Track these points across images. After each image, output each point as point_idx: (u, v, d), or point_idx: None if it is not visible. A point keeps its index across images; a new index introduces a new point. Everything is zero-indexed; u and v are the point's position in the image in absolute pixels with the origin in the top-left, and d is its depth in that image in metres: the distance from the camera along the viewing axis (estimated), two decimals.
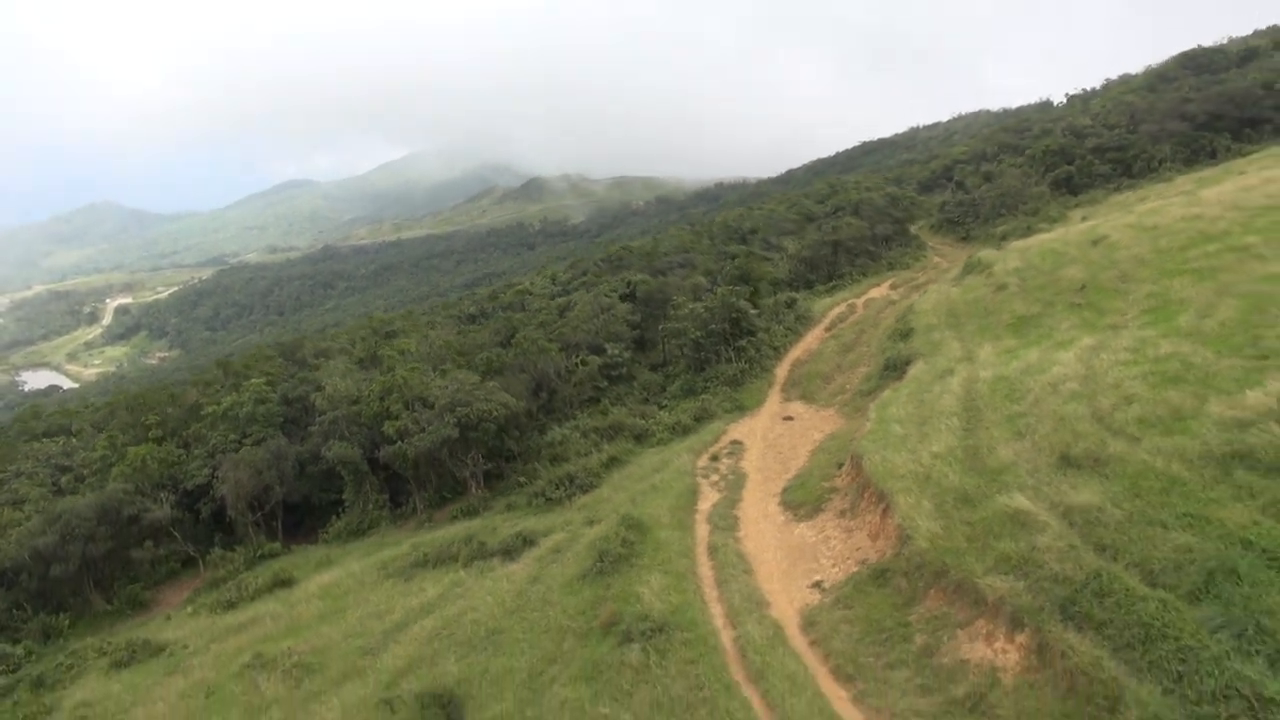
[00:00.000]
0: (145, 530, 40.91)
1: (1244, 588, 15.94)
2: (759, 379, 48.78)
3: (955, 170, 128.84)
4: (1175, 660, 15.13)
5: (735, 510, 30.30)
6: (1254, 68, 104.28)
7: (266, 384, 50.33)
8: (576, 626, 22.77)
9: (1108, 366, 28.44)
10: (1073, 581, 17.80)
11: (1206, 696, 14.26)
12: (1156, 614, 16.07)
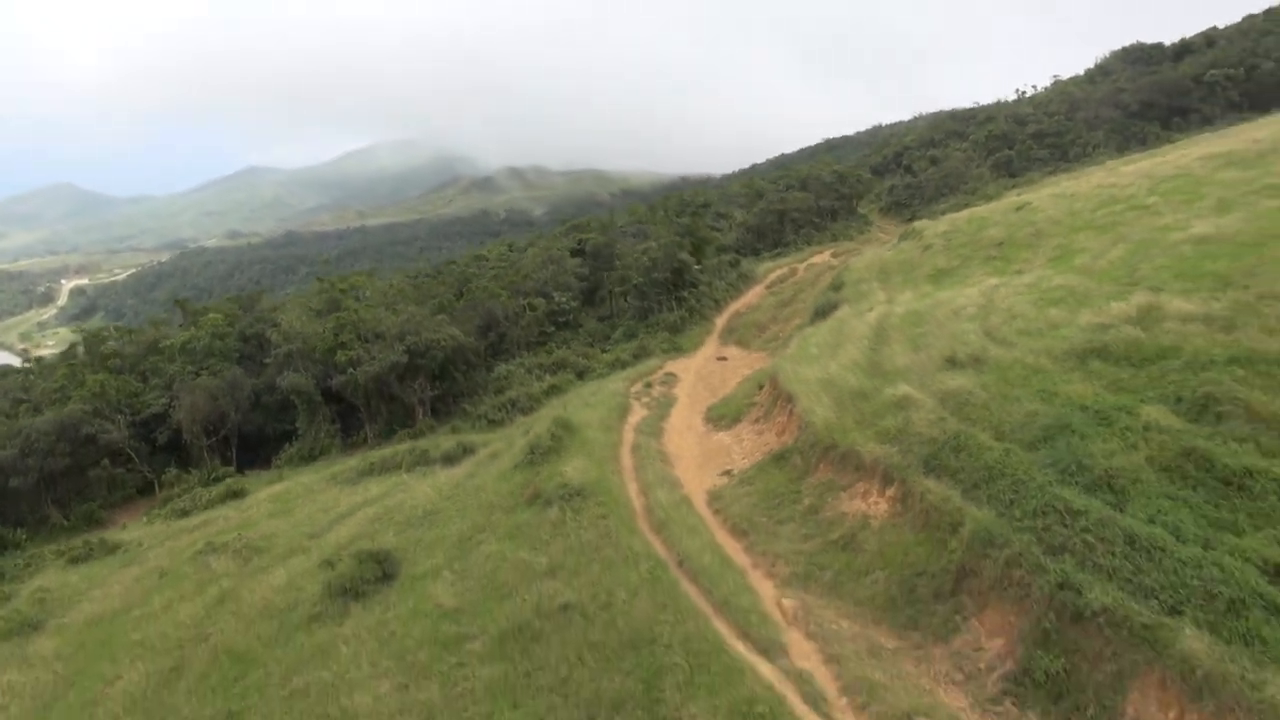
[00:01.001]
0: (102, 450, 42.03)
1: (1074, 438, 18.33)
2: (698, 326, 50.95)
3: (905, 155, 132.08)
4: (1009, 491, 17.50)
5: (662, 423, 32.38)
6: (1187, 62, 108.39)
7: (225, 321, 51.45)
8: (505, 503, 24.72)
9: (1004, 297, 30.86)
10: (936, 442, 20.13)
11: (1029, 514, 16.62)
12: (999, 460, 18.45)
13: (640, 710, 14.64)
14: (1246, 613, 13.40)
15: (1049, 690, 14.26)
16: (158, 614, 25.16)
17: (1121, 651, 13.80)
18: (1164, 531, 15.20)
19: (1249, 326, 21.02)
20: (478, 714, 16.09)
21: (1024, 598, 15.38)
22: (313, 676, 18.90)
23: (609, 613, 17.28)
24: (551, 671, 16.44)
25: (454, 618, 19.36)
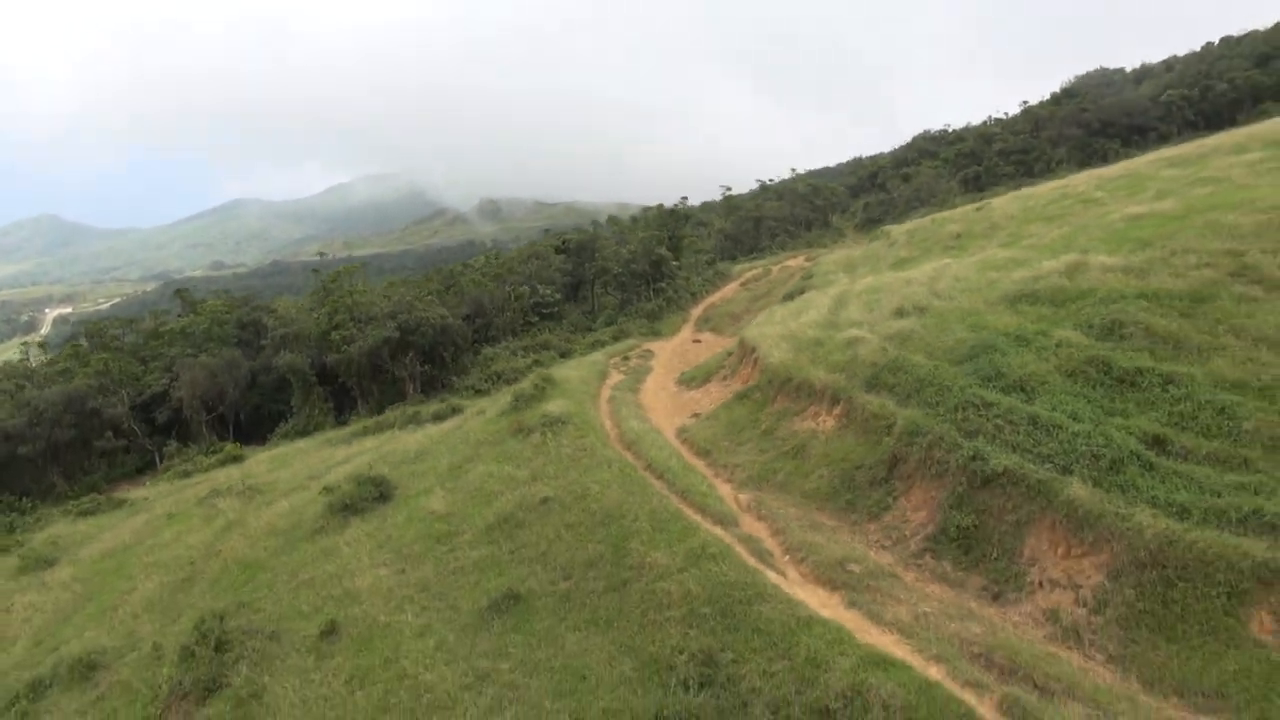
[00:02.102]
0: (106, 423, 43.69)
1: (996, 355, 20.65)
2: (675, 315, 53.24)
3: (879, 175, 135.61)
4: (935, 395, 19.78)
5: (637, 384, 34.55)
6: (1147, 84, 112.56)
7: (224, 308, 53.34)
8: (491, 439, 26.75)
9: (953, 270, 33.28)
10: (877, 366, 22.41)
11: (950, 409, 18.88)
12: (929, 373, 20.75)
13: (609, 565, 16.72)
14: (1124, 469, 15.67)
15: (961, 543, 16.43)
16: (168, 543, 26.94)
17: (1020, 505, 16.03)
18: (1063, 415, 17.51)
19: (1160, 272, 23.49)
20: (466, 583, 18.11)
21: (943, 474, 17.60)
22: (317, 571, 20.83)
23: (584, 501, 19.34)
24: (532, 548, 18.49)
25: (445, 520, 21.36)
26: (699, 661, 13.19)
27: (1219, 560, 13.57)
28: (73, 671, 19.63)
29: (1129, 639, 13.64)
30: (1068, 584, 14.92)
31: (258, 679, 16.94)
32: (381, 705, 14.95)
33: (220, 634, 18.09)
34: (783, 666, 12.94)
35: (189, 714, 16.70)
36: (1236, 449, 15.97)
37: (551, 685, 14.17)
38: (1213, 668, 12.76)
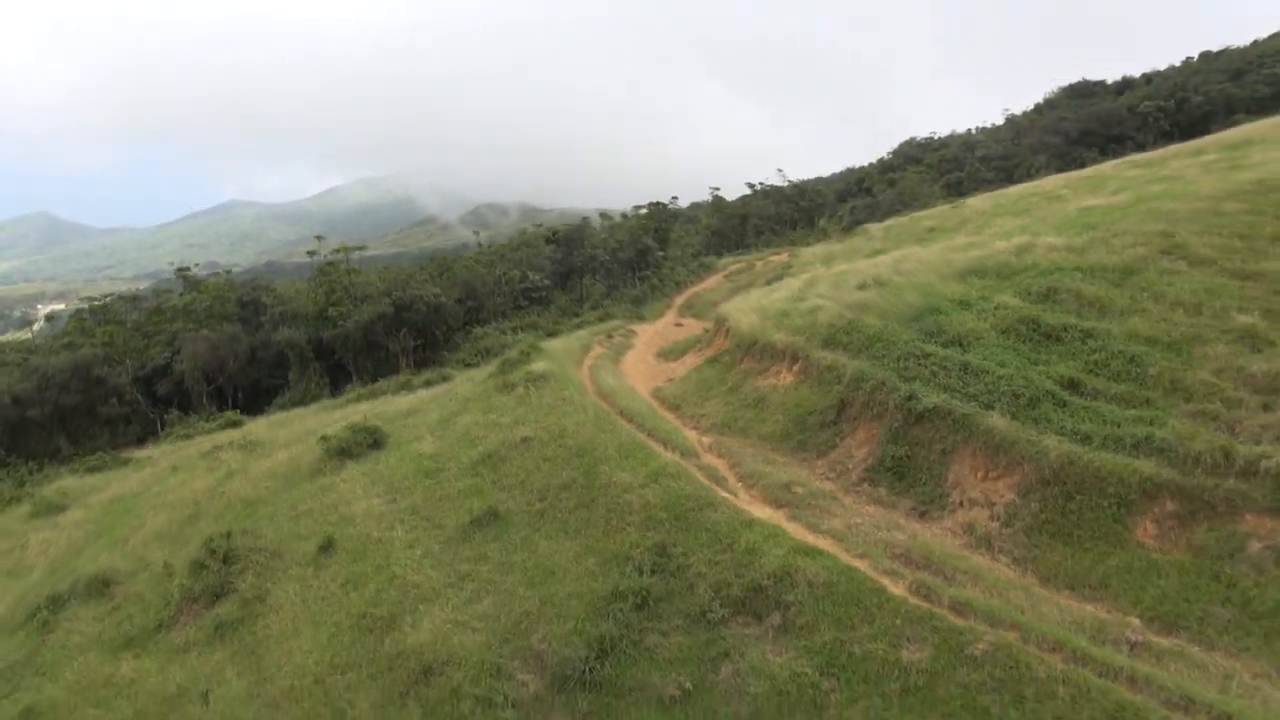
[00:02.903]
0: (111, 391, 45.25)
1: (940, 316, 22.50)
2: (660, 301, 55.00)
3: (866, 180, 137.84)
4: (882, 349, 21.62)
5: (619, 357, 36.33)
6: (1126, 96, 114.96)
7: (225, 286, 54.95)
8: (478, 396, 28.44)
9: (918, 254, 35.16)
10: (834, 327, 24.23)
11: (894, 359, 20.74)
12: (879, 331, 22.58)
13: (580, 487, 18.50)
14: (1040, 405, 17.54)
15: (895, 471, 18.26)
16: (174, 489, 28.54)
17: (947, 436, 17.87)
18: (992, 363, 19.38)
19: (1097, 250, 25.40)
20: (452, 506, 19.85)
21: (882, 413, 19.44)
22: (315, 503, 22.52)
23: (560, 439, 21.09)
24: (512, 477, 20.24)
25: (434, 459, 23.07)
26: (653, 553, 14.99)
27: (1112, 476, 15.44)
28: (89, 587, 21.26)
29: (1032, 544, 15.48)
30: (984, 502, 16.76)
31: (262, 585, 18.66)
32: (373, 601, 16.68)
33: (227, 550, 19.78)
34: (725, 557, 14.75)
35: (199, 615, 18.38)
36: (1140, 390, 17.85)
37: (524, 579, 15.93)
38: (1100, 565, 14.61)
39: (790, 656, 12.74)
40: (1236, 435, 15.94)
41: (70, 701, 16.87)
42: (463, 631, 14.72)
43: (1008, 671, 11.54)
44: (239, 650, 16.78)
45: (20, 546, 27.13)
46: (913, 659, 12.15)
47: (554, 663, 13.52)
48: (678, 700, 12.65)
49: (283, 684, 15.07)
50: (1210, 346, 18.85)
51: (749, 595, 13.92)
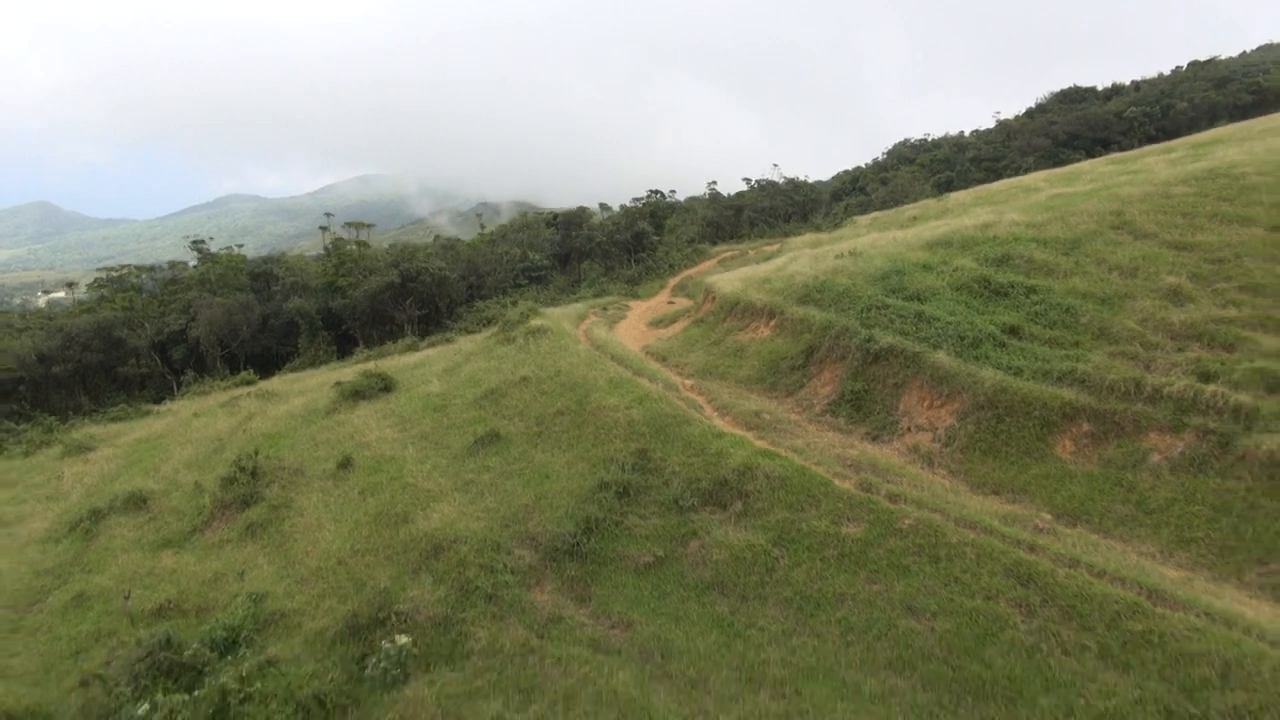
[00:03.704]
0: (130, 352, 47.25)
1: (903, 276, 24.60)
2: (654, 282, 57.12)
3: (860, 179, 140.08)
4: (849, 303, 23.71)
5: (613, 325, 38.36)
6: (1114, 101, 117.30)
7: (238, 258, 56.96)
8: (481, 349, 30.52)
9: (896, 234, 37.25)
10: (809, 287, 26.34)
11: (858, 311, 22.83)
12: (847, 288, 24.71)
13: (573, 413, 20.60)
14: (981, 346, 19.67)
15: (853, 404, 20.36)
16: (197, 430, 30.60)
17: (899, 371, 20.00)
18: (943, 312, 21.49)
19: (1053, 226, 27.51)
20: (458, 433, 21.94)
21: (845, 356, 21.56)
22: (332, 434, 24.61)
23: (556, 377, 23.21)
24: (512, 408, 22.34)
25: (441, 397, 25.17)
26: (635, 456, 17.12)
27: (1037, 402, 17.59)
28: (126, 503, 23.32)
29: (966, 460, 17.61)
30: (929, 427, 18.88)
31: (287, 495, 20.75)
32: (389, 503, 18.76)
33: (255, 466, 21.87)
34: (697, 459, 16.89)
35: (231, 519, 20.47)
36: (1072, 335, 19.99)
37: (522, 482, 18.05)
38: (1022, 475, 16.73)
39: (748, 533, 14.87)
40: (1150, 371, 18.10)
41: (117, 587, 18.93)
42: (468, 520, 16.82)
43: (927, 539, 13.69)
44: (269, 544, 18.86)
45: (56, 478, 29.17)
46: (850, 533, 14.29)
47: (547, 540, 15.63)
48: (651, 566, 14.77)
49: (310, 565, 17.15)
50: (1138, 301, 20.97)
51: (715, 488, 16.06)
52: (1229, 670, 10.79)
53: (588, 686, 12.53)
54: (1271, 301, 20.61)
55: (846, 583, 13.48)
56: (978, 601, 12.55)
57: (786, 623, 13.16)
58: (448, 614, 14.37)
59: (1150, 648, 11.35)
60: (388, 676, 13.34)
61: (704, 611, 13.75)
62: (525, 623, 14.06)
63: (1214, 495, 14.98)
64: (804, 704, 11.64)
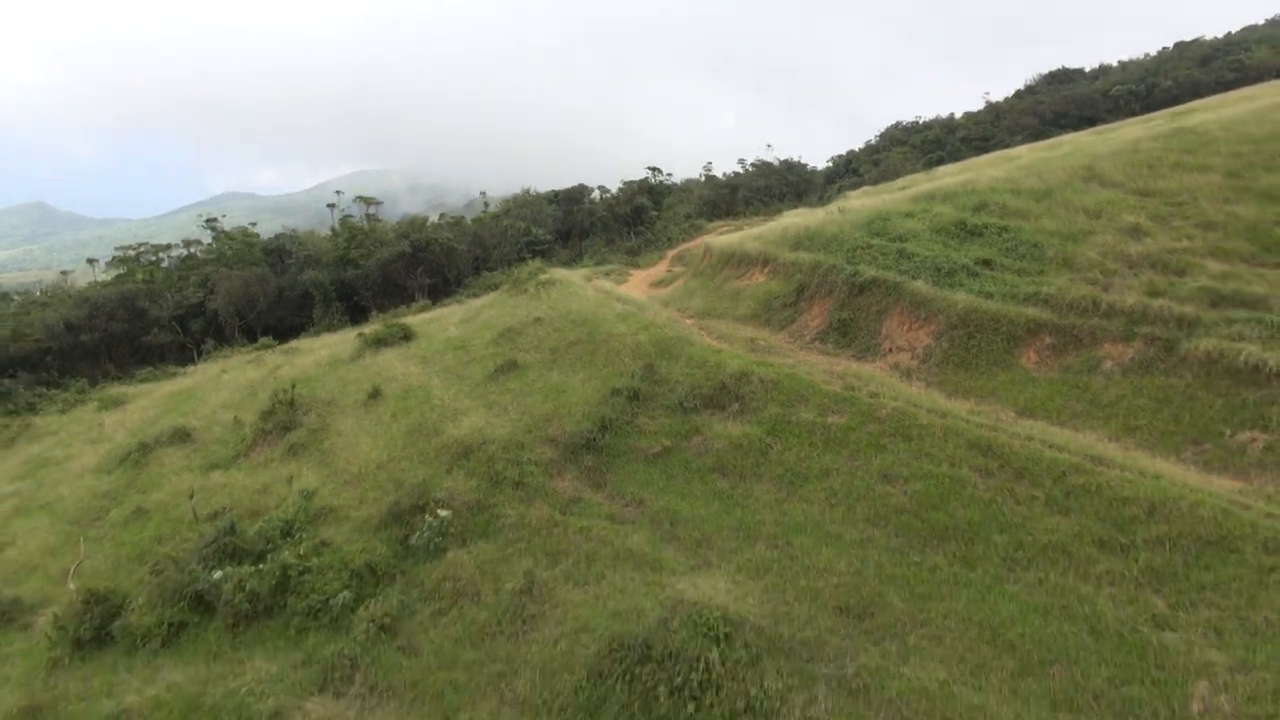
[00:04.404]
0: (152, 322, 48.95)
1: (887, 221, 26.35)
2: (653, 254, 58.82)
3: (854, 161, 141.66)
4: (836, 245, 25.46)
5: (616, 285, 40.13)
6: (1101, 81, 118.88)
7: (252, 235, 58.59)
8: (494, 303, 32.25)
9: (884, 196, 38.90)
10: (800, 236, 28.08)
11: (844, 251, 24.59)
12: (835, 233, 26.47)
13: (585, 343, 22.39)
14: (956, 275, 21.46)
15: (840, 331, 22.14)
16: (228, 381, 32.36)
17: (881, 300, 21.78)
18: (922, 249, 23.26)
19: (1028, 179, 29.22)
20: (479, 365, 23.70)
21: (832, 290, 23.33)
22: (359, 374, 26.35)
23: (567, 316, 24.97)
24: (528, 343, 24.11)
25: (460, 339, 26.94)
26: (643, 369, 18.93)
27: (1004, 319, 19.39)
28: (172, 437, 25.10)
29: (940, 372, 19.40)
30: (908, 348, 20.68)
31: (324, 421, 22.53)
32: (417, 421, 20.54)
33: (291, 398, 23.63)
34: (698, 370, 18.71)
35: (273, 443, 22.25)
36: (1038, 266, 21.76)
37: (541, 398, 19.84)
38: (990, 382, 18.52)
39: (745, 426, 16.69)
40: (1107, 292, 19.89)
41: (172, 501, 20.74)
42: (494, 428, 18.62)
43: (901, 423, 15.51)
44: (311, 459, 20.64)
45: (98, 425, 30.94)
46: (835, 421, 16.11)
47: (566, 439, 17.45)
48: (659, 455, 16.59)
49: (352, 471, 18.95)
50: (1100, 237, 22.73)
51: (715, 392, 17.88)
52: (1154, 509, 12.62)
53: (606, 547, 14.35)
54: (1221, 235, 22.39)
55: (831, 460, 15.31)
56: (943, 468, 14.37)
57: (778, 493, 14.98)
58: (480, 499, 16.18)
59: (1089, 495, 13.17)
60: (430, 545, 15.16)
61: (706, 489, 15.57)
62: (549, 503, 15.88)
63: (1158, 391, 16.79)
64: (794, 551, 13.47)
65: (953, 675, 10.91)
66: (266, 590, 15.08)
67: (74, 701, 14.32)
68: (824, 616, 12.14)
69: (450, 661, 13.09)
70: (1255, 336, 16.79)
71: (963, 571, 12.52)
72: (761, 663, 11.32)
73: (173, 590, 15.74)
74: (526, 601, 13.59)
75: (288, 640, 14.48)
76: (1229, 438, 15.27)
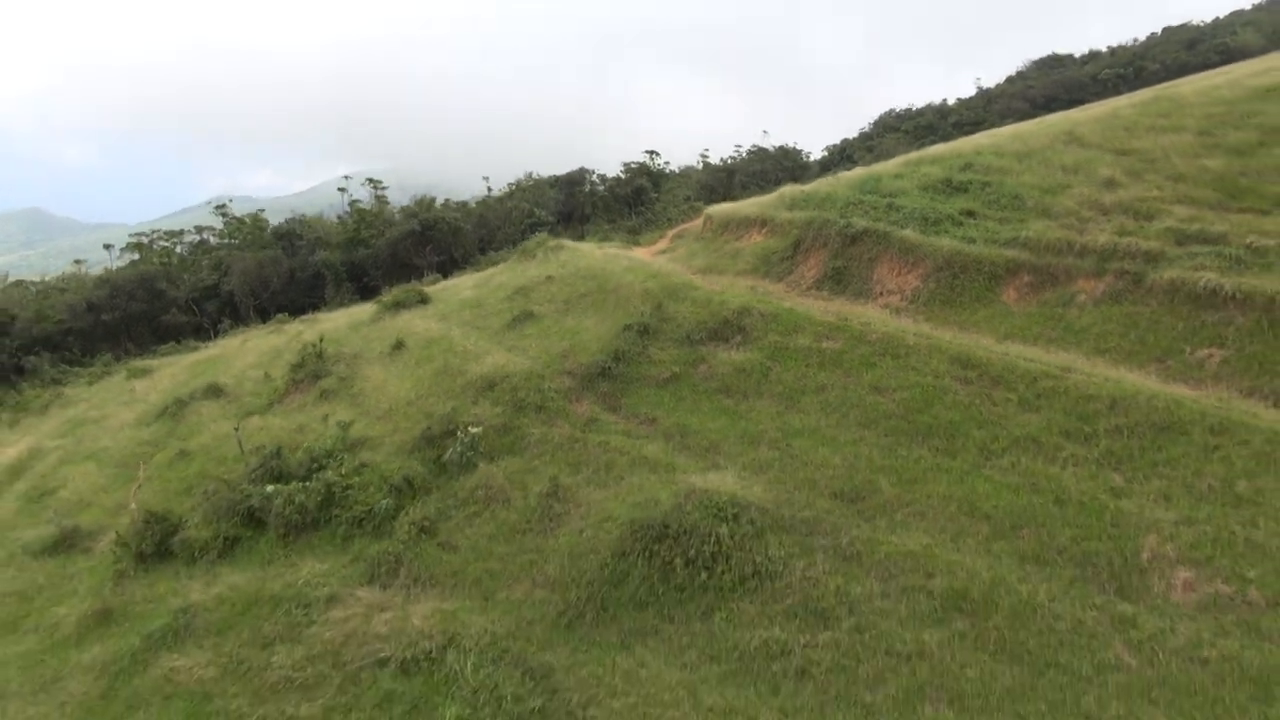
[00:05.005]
0: (169, 302, 50.31)
1: (879, 180, 27.72)
2: (654, 233, 60.09)
3: (849, 148, 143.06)
4: (830, 204, 26.83)
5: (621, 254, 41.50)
6: (1090, 65, 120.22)
7: (262, 220, 59.94)
8: (506, 269, 33.64)
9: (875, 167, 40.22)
10: (796, 198, 29.46)
11: (837, 208, 25.96)
12: (829, 193, 27.85)
13: (596, 291, 23.81)
14: (941, 224, 22.86)
15: (835, 279, 23.51)
16: (251, 348, 33.74)
17: (872, 248, 23.17)
18: (910, 203, 24.65)
19: (1012, 144, 30.59)
20: (495, 317, 25.09)
21: (826, 243, 24.70)
22: (379, 333, 27.74)
23: (577, 273, 26.38)
24: (540, 296, 25.51)
25: (475, 298, 28.33)
26: (651, 308, 20.34)
27: (986, 261, 20.78)
28: (206, 392, 26.50)
29: (928, 311, 20.77)
30: (897, 290, 22.06)
31: (352, 370, 23.92)
32: (441, 365, 21.94)
33: (320, 350, 25.01)
34: (703, 309, 20.13)
35: (305, 390, 23.65)
36: (1018, 215, 23.15)
37: (556, 339, 21.26)
38: (973, 317, 19.90)
39: (747, 353, 18.13)
40: (1082, 235, 21.29)
41: (213, 444, 22.16)
42: (515, 364, 20.03)
43: (890, 345, 16.96)
44: (343, 402, 22.05)
45: (129, 390, 32.33)
46: (829, 346, 17.54)
47: (582, 370, 18.87)
48: (669, 380, 18.02)
49: (383, 408, 20.37)
50: (1076, 189, 24.12)
51: (719, 326, 19.30)
52: (1115, 403, 14.06)
53: (624, 456, 15.78)
54: (1190, 186, 23.79)
55: (826, 377, 16.74)
56: (928, 379, 15.81)
57: (779, 407, 16.41)
58: (506, 422, 17.61)
59: (1057, 395, 14.61)
60: (463, 460, 16.57)
61: (713, 406, 17.00)
62: (570, 424, 17.31)
63: (1126, 318, 18.20)
64: (794, 451, 14.90)
65: (934, 541, 12.34)
66: (314, 504, 16.48)
67: (142, 604, 15.75)
68: (821, 500, 13.57)
69: (485, 554, 14.51)
70: (1214, 266, 18.19)
71: (945, 461, 13.95)
72: (765, 536, 12.74)
73: (226, 507, 17.15)
74: (553, 503, 15.00)
75: (335, 546, 15.89)
76: (1189, 354, 16.65)
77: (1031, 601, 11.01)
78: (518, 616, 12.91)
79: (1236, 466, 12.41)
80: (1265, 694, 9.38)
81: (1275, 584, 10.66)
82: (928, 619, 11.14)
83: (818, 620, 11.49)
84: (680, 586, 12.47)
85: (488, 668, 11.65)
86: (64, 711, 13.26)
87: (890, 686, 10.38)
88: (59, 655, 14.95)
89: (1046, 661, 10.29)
